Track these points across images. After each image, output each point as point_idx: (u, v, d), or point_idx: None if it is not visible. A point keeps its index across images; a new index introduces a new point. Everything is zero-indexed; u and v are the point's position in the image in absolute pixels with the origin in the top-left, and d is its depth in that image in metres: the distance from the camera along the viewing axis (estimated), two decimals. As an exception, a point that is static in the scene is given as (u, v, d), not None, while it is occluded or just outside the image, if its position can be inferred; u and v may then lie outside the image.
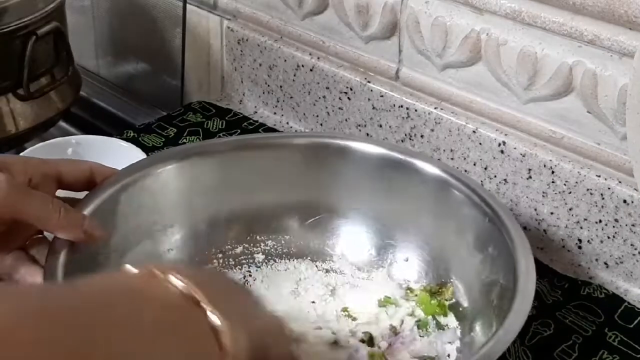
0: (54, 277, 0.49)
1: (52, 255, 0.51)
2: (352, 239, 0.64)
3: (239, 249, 0.64)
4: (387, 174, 0.62)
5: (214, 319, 0.35)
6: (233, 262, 0.64)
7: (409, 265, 0.62)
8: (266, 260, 0.64)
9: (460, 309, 0.58)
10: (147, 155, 0.72)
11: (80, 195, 0.57)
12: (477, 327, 0.55)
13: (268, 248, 0.65)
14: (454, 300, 0.59)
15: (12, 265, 0.52)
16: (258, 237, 0.65)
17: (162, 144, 0.83)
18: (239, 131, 0.86)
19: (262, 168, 0.64)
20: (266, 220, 0.65)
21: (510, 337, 0.45)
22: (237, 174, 0.63)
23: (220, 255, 0.64)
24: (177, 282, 0.36)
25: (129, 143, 0.75)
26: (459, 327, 0.57)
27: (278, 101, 0.89)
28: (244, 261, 0.64)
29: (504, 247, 0.53)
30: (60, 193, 0.55)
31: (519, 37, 0.66)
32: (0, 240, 0.52)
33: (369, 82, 0.79)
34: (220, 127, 0.86)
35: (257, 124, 0.87)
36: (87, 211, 0.54)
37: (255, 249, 0.65)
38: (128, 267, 0.38)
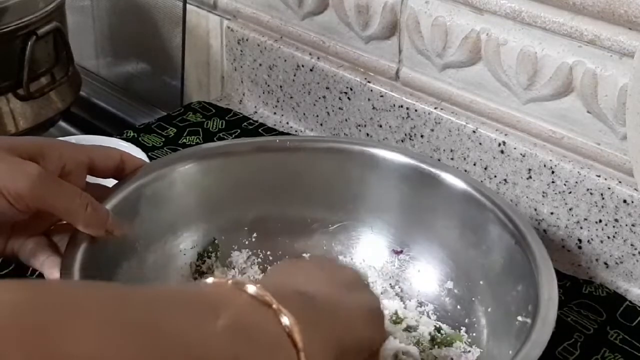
0: (71, 268, 0.50)
1: (71, 247, 0.51)
2: (372, 247, 0.64)
3: (260, 252, 0.64)
4: (412, 184, 0.61)
5: (284, 319, 0.37)
6: (254, 265, 0.63)
7: (428, 279, 0.61)
8: None
9: (479, 328, 0.57)
10: (147, 155, 0.72)
11: (104, 181, 0.57)
12: (491, 346, 0.55)
13: (288, 252, 0.64)
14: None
15: (32, 251, 0.53)
16: (279, 239, 0.64)
17: (162, 144, 0.83)
18: (239, 131, 0.86)
19: (287, 171, 0.63)
20: (287, 224, 0.64)
21: None
22: (260, 176, 0.63)
23: (240, 257, 0.64)
24: (248, 287, 0.38)
25: (129, 143, 0.75)
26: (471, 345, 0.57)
27: (278, 101, 0.89)
28: (267, 264, 0.64)
29: (528, 271, 0.52)
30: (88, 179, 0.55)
31: (519, 37, 0.66)
32: (25, 225, 0.52)
33: (369, 82, 0.79)
34: (220, 127, 0.86)
35: (257, 124, 0.87)
36: (110, 205, 0.54)
37: (277, 252, 0.64)
38: (204, 279, 0.40)
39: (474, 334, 0.57)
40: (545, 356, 0.59)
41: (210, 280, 0.38)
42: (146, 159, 0.71)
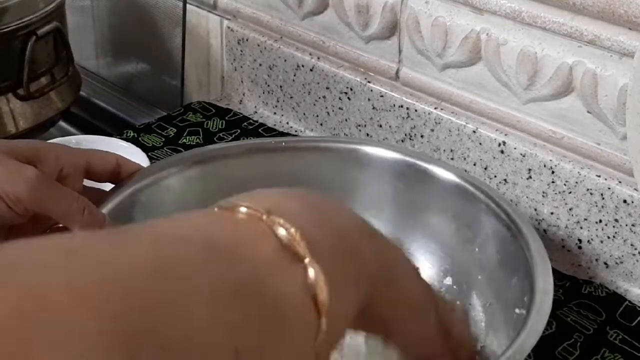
0: None
1: None
2: None
3: None
4: (406, 180, 0.62)
5: (312, 274, 0.32)
6: None
7: (427, 276, 0.60)
8: None
9: (479, 323, 0.57)
10: (147, 155, 0.72)
11: (100, 185, 0.57)
12: (490, 341, 0.55)
13: None
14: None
15: None
16: None
17: (162, 144, 0.83)
18: (239, 131, 0.86)
19: (283, 172, 0.63)
20: None
21: (520, 357, 0.44)
22: (256, 178, 0.62)
23: None
24: (280, 230, 0.32)
25: (129, 143, 0.75)
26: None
27: (278, 101, 0.89)
28: None
29: (523, 263, 0.52)
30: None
31: (519, 37, 0.66)
32: (22, 228, 0.52)
33: (369, 82, 0.79)
34: (220, 127, 0.86)
35: (257, 124, 0.87)
36: (106, 209, 0.54)
37: None
38: (234, 205, 0.34)
39: (474, 329, 0.57)
40: (544, 356, 0.59)
41: (243, 210, 0.33)
42: (146, 159, 0.71)
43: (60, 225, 0.54)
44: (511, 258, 0.54)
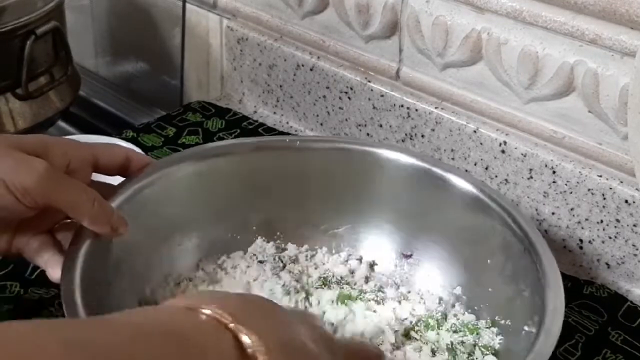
0: (73, 267, 0.49)
1: (74, 245, 0.51)
2: (381, 249, 0.63)
3: (260, 254, 0.63)
4: (421, 187, 0.61)
5: (245, 338, 0.36)
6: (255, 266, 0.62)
7: (437, 284, 0.60)
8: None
9: (483, 334, 0.56)
10: (147, 155, 0.72)
11: (108, 178, 0.57)
12: (502, 354, 0.54)
13: (290, 255, 0.63)
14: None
15: (37, 250, 0.53)
16: (282, 245, 0.64)
17: (161, 143, 0.82)
18: (239, 131, 0.85)
19: (296, 171, 0.62)
20: (297, 225, 0.63)
21: None
22: (268, 176, 0.62)
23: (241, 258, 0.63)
24: (245, 339, 0.36)
25: (128, 143, 0.75)
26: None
27: (278, 101, 0.88)
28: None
29: (535, 279, 0.51)
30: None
31: (520, 36, 0.66)
32: (30, 223, 0.52)
33: (369, 81, 0.79)
34: (219, 126, 0.86)
35: (256, 123, 0.87)
36: (113, 204, 0.54)
37: (281, 254, 0.63)
38: (171, 303, 0.38)
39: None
40: (546, 357, 0.58)
41: (208, 312, 0.37)
42: (145, 159, 0.70)
43: (69, 220, 0.54)
44: (523, 272, 0.53)
